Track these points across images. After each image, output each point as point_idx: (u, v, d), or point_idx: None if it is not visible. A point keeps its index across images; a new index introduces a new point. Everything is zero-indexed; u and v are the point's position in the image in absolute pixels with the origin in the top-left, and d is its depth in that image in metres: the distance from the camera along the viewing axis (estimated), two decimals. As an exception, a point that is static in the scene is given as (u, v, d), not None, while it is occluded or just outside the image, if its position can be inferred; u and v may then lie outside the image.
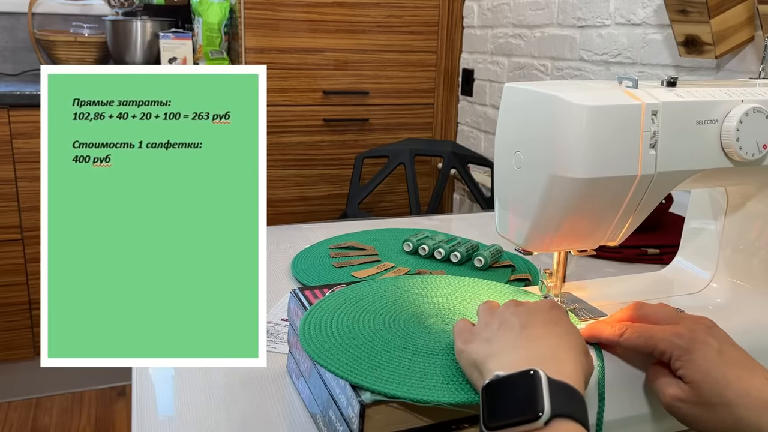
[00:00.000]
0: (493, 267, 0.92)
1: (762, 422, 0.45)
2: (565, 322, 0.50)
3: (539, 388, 0.41)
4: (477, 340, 0.49)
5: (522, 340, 0.47)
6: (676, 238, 0.75)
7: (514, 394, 0.42)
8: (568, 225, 0.57)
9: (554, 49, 1.75)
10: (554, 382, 0.42)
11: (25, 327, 1.95)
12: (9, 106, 1.78)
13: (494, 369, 0.45)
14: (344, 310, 0.59)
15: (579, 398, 0.42)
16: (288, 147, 2.09)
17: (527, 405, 0.41)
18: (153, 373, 0.66)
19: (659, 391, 0.50)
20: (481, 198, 1.94)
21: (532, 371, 0.42)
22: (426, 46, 2.18)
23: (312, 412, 0.58)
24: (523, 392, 0.42)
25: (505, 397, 0.42)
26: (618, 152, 0.54)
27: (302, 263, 0.93)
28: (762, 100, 0.58)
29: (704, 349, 0.49)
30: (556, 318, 0.50)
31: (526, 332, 0.48)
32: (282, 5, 1.99)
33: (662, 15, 1.36)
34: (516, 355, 0.46)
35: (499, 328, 0.49)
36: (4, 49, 2.28)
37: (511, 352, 0.46)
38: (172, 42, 2.03)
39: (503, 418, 0.42)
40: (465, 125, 2.24)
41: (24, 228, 1.87)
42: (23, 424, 1.92)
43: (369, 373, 0.49)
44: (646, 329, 0.52)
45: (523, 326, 0.49)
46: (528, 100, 0.57)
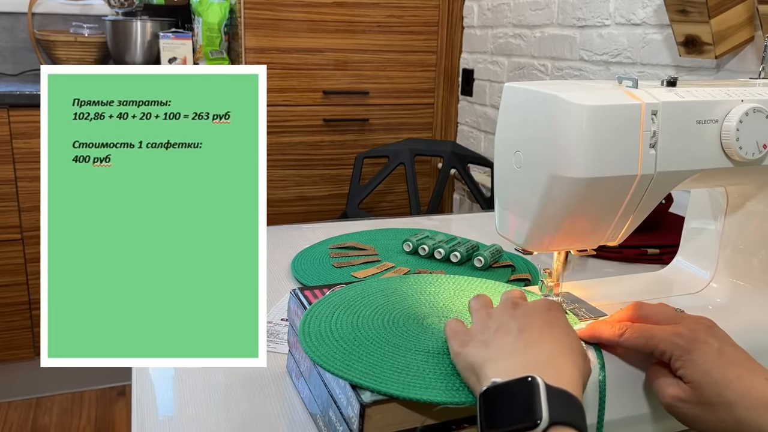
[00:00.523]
0: (493, 267, 0.92)
1: (762, 422, 0.45)
2: (563, 324, 0.50)
3: (537, 396, 0.41)
4: (473, 343, 0.49)
5: (519, 344, 0.47)
6: (676, 238, 0.75)
7: (511, 401, 0.42)
8: (568, 225, 0.57)
9: (554, 49, 1.75)
10: (552, 389, 0.42)
11: (25, 327, 1.95)
12: (9, 106, 1.78)
13: (492, 375, 0.45)
14: (344, 310, 0.59)
15: (577, 405, 0.42)
16: (288, 147, 2.09)
17: (525, 412, 0.41)
18: (153, 373, 0.66)
19: (659, 391, 0.50)
20: (481, 198, 1.94)
21: (530, 378, 0.42)
22: (426, 46, 2.18)
23: (312, 412, 0.58)
24: (521, 399, 0.41)
25: (503, 404, 0.42)
26: (618, 152, 0.54)
27: (302, 263, 0.93)
28: (762, 100, 0.58)
29: (704, 349, 0.48)
30: (554, 320, 0.50)
31: (524, 336, 0.48)
32: (282, 5, 1.99)
33: (662, 15, 1.36)
34: (513, 361, 0.46)
35: (497, 331, 0.49)
36: (4, 49, 2.28)
37: (508, 357, 0.46)
38: (172, 42, 2.03)
39: (501, 425, 0.42)
40: (465, 125, 2.24)
41: (24, 228, 1.87)
42: (23, 424, 1.92)
43: (369, 373, 0.49)
44: (646, 329, 0.52)
45: (521, 329, 0.49)
46: (528, 100, 0.57)
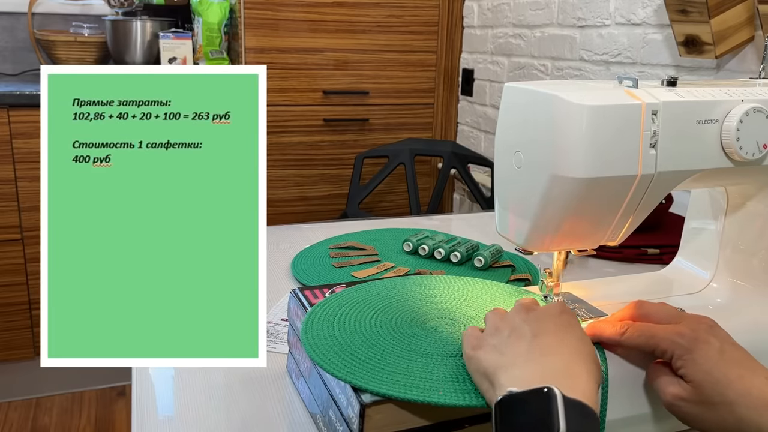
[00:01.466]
0: (493, 267, 0.92)
1: (763, 422, 0.45)
2: (577, 329, 0.50)
3: (554, 408, 0.41)
4: (486, 347, 0.48)
5: (534, 352, 0.47)
6: (676, 238, 0.75)
7: (528, 412, 0.41)
8: (568, 225, 0.57)
9: (554, 49, 1.75)
10: (569, 401, 0.41)
11: (25, 327, 1.95)
12: (9, 106, 1.78)
13: (506, 383, 0.44)
14: (346, 311, 0.59)
15: (593, 416, 0.42)
16: (288, 147, 2.09)
17: (542, 425, 0.40)
18: (153, 373, 0.66)
19: (660, 390, 0.50)
20: (481, 198, 1.94)
21: (547, 389, 0.42)
22: (426, 46, 2.18)
23: (312, 412, 0.58)
24: (538, 411, 0.41)
25: (519, 415, 0.42)
26: (618, 152, 0.53)
27: (302, 263, 0.93)
28: (762, 100, 0.58)
29: (706, 349, 0.48)
30: (567, 324, 0.50)
31: (538, 343, 0.47)
32: (282, 5, 1.99)
33: (662, 15, 1.36)
34: (529, 370, 0.45)
35: (510, 336, 0.49)
36: (4, 49, 2.28)
37: (523, 365, 0.46)
38: (172, 42, 2.03)
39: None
40: (465, 125, 2.24)
41: (24, 228, 1.87)
42: (23, 424, 1.92)
43: (369, 374, 0.49)
44: (647, 328, 0.51)
45: (535, 335, 0.48)
46: (528, 100, 0.57)
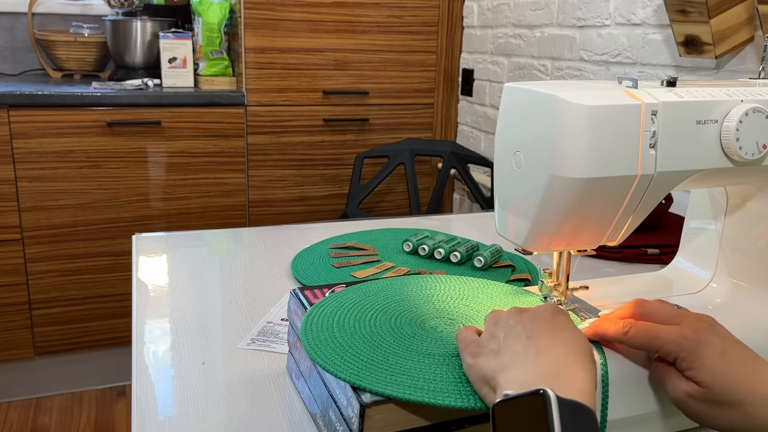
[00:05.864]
0: (493, 267, 0.92)
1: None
2: (571, 328, 0.50)
3: (549, 410, 0.41)
4: (485, 354, 0.49)
5: (530, 352, 0.47)
6: (675, 238, 0.75)
7: (523, 415, 0.42)
8: (568, 225, 0.57)
9: (554, 49, 1.75)
10: (564, 402, 0.41)
11: (25, 327, 1.95)
12: (9, 106, 1.78)
13: (504, 385, 0.44)
14: (346, 311, 0.59)
15: (589, 415, 0.42)
16: (288, 147, 2.09)
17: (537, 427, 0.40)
18: (153, 373, 0.66)
19: (670, 386, 0.50)
20: (481, 198, 1.94)
21: (542, 391, 0.42)
22: (426, 46, 2.18)
23: (312, 412, 0.58)
24: (533, 414, 0.41)
25: (514, 418, 0.42)
26: (618, 152, 0.53)
27: (302, 263, 0.93)
28: (762, 100, 0.58)
29: (709, 350, 0.49)
30: (562, 324, 0.50)
31: (534, 343, 0.48)
32: (282, 5, 1.99)
33: (662, 15, 1.36)
34: (525, 370, 0.46)
35: (506, 339, 0.49)
36: (4, 49, 2.28)
37: (520, 366, 0.46)
38: (172, 42, 2.03)
39: None
40: (465, 125, 2.24)
41: (24, 228, 1.87)
42: (23, 424, 1.92)
43: (370, 374, 0.49)
44: (651, 328, 0.51)
45: (530, 336, 0.48)
46: (528, 100, 0.57)
